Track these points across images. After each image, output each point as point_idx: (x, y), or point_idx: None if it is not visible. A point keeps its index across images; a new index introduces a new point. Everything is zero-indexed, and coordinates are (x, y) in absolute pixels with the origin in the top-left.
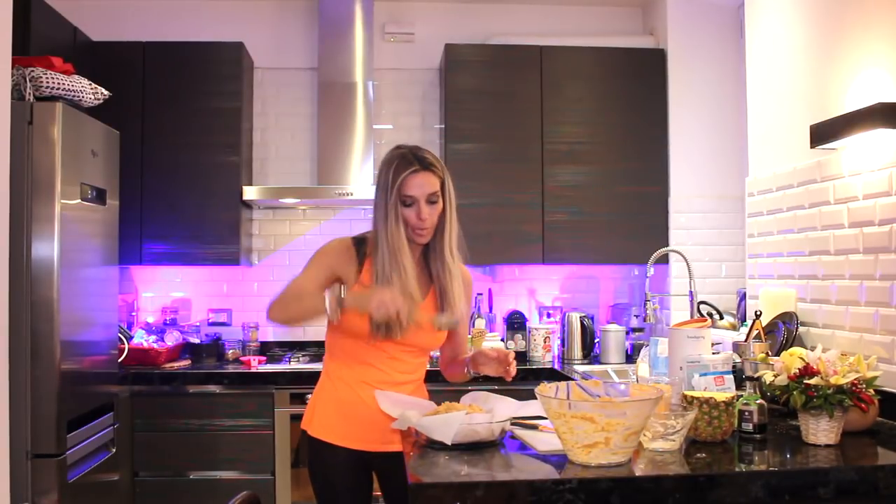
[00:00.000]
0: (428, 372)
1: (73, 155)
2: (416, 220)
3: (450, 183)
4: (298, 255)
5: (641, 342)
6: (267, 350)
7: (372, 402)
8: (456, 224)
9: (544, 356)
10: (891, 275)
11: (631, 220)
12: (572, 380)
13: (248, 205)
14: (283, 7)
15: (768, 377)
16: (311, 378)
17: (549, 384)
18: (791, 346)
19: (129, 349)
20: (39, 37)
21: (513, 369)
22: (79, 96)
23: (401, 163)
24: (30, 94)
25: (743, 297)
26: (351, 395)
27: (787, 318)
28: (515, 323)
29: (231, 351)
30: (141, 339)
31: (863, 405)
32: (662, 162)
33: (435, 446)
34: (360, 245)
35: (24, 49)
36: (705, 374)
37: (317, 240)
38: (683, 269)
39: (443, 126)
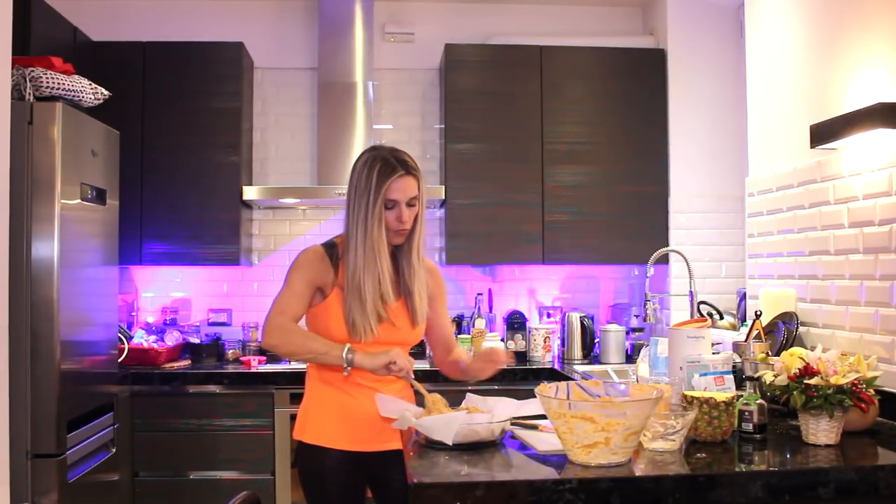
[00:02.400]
0: (428, 372)
1: (73, 155)
2: (397, 222)
3: (424, 185)
4: None
5: (641, 342)
6: (267, 350)
7: (363, 402)
8: (425, 225)
9: (544, 356)
10: (891, 275)
11: (631, 220)
12: (572, 380)
13: (248, 205)
14: (283, 7)
15: (768, 377)
16: None
17: (549, 384)
18: (791, 346)
19: (129, 349)
20: (39, 37)
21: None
22: (79, 96)
23: (384, 166)
24: (30, 94)
25: (743, 297)
26: (341, 397)
27: (787, 318)
28: (515, 323)
29: (231, 351)
30: (141, 339)
31: (863, 405)
32: (662, 162)
33: (435, 446)
34: (332, 250)
35: (24, 49)
36: (705, 374)
37: (317, 240)
38: (683, 269)
39: (443, 126)
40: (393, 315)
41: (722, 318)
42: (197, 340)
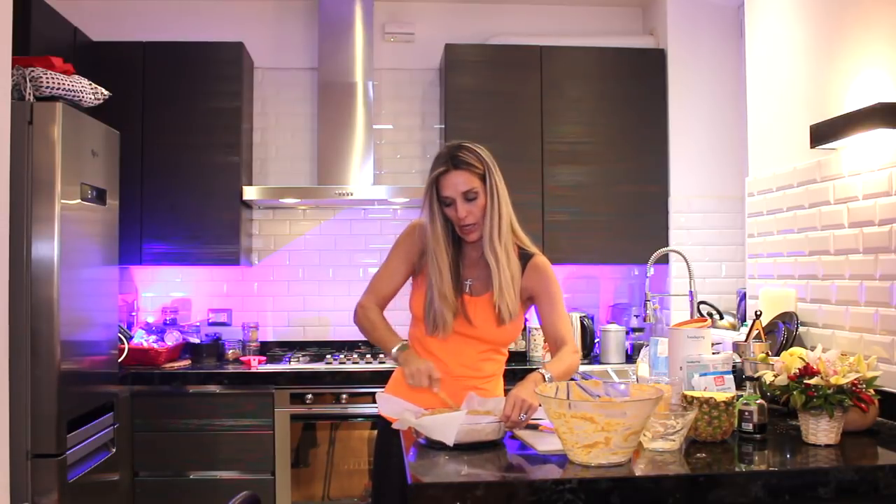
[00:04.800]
0: None
1: (73, 155)
2: (456, 218)
3: (494, 177)
4: (298, 255)
5: (641, 342)
6: (267, 350)
7: (442, 387)
8: (501, 216)
9: (544, 356)
10: (891, 275)
11: (631, 220)
12: (572, 380)
13: (248, 205)
14: (283, 7)
15: (768, 377)
16: (311, 378)
17: (550, 384)
18: (791, 346)
19: (129, 349)
20: (39, 37)
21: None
22: (79, 96)
23: (435, 162)
24: (30, 94)
25: (743, 297)
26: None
27: (787, 318)
28: None
29: (231, 351)
30: (141, 339)
31: (863, 405)
32: (662, 162)
33: (435, 446)
34: None
35: (24, 49)
36: (705, 374)
37: (317, 240)
38: (683, 269)
39: (443, 126)
40: (471, 310)
41: (722, 318)
42: (197, 340)
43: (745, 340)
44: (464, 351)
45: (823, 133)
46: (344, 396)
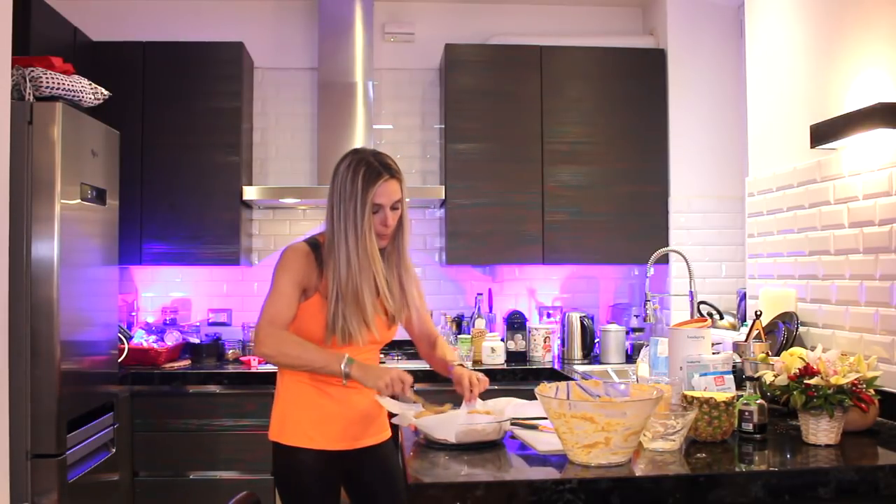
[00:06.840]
0: (427, 372)
1: (73, 155)
2: (381, 226)
3: (406, 187)
4: None
5: (641, 342)
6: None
7: (340, 401)
8: (409, 226)
9: (544, 356)
10: (891, 275)
11: (631, 220)
12: (572, 380)
13: (248, 205)
14: (283, 7)
15: (768, 377)
16: None
17: (549, 384)
18: (791, 346)
19: (129, 349)
20: (39, 37)
21: (473, 394)
22: (79, 96)
23: (368, 171)
24: (30, 94)
25: (743, 297)
26: (318, 396)
27: (787, 318)
28: (515, 323)
29: (231, 351)
30: (141, 339)
31: (863, 405)
32: (662, 162)
33: (434, 446)
34: (317, 250)
35: (24, 49)
36: (705, 374)
37: None
38: (683, 269)
39: (443, 126)
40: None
41: (722, 318)
42: (197, 340)
43: (745, 340)
44: (364, 355)
45: (823, 133)
46: None
